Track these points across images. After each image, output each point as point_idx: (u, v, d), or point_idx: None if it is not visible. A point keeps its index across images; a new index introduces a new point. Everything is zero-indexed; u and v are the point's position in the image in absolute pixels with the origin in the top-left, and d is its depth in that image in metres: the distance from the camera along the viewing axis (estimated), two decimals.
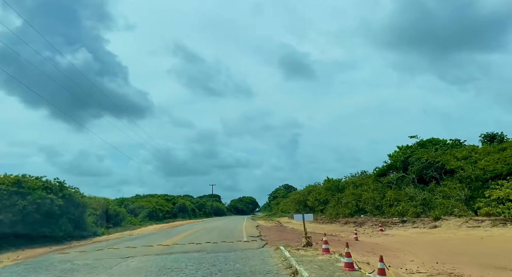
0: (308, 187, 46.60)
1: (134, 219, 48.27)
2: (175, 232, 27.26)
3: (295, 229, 26.90)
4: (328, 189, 38.81)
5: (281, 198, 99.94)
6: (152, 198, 66.57)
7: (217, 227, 30.16)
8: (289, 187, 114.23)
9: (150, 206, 57.25)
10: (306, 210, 46.19)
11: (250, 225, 31.99)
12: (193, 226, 35.34)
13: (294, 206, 48.54)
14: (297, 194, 48.63)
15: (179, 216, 71.26)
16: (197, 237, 19.41)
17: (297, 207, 48.37)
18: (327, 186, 39.29)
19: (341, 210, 29.67)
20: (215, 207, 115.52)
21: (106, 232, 35.12)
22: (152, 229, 41.95)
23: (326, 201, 40.22)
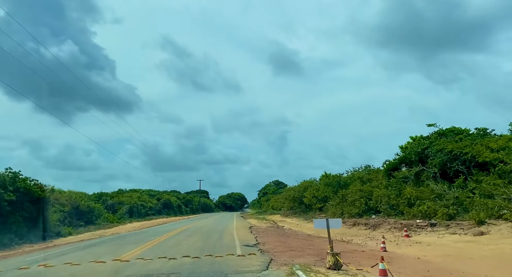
0: (303, 183, 42.09)
1: (111, 216, 43.05)
2: (152, 233, 22.38)
3: (295, 232, 22.30)
4: (328, 185, 34.34)
5: (271, 194, 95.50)
6: (134, 193, 61.29)
7: (203, 227, 25.39)
8: (279, 183, 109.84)
9: (131, 202, 52.02)
10: (301, 208, 41.68)
11: (241, 225, 27.28)
12: (176, 226, 30.45)
13: (288, 204, 44.02)
14: (291, 190, 44.09)
15: (163, 212, 66.11)
16: (175, 244, 14.58)
17: (291, 204, 43.83)
18: (326, 181, 34.83)
19: (347, 209, 25.19)
20: (202, 203, 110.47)
21: (74, 231, 29.96)
22: (130, 227, 36.88)
23: (326, 198, 35.70)
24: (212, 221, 35.97)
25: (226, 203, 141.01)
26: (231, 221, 36.97)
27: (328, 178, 41.30)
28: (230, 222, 34.33)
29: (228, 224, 29.43)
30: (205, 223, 30.53)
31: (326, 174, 42.89)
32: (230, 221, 35.52)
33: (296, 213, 42.49)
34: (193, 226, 27.26)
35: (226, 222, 33.02)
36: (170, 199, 70.55)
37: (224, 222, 34.82)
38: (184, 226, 28.39)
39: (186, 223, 33.27)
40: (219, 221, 36.32)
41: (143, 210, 57.00)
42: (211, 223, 31.84)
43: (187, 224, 30.77)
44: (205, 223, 30.53)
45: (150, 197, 66.13)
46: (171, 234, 20.17)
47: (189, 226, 28.14)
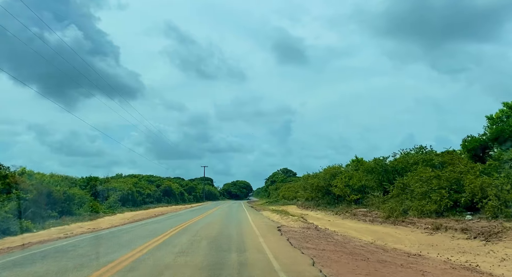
0: (329, 170, 33.82)
1: (97, 205, 35.16)
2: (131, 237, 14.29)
3: (348, 238, 14.17)
4: (369, 172, 26.11)
5: (280, 183, 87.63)
6: (131, 178, 53.41)
7: (208, 226, 17.30)
8: (287, 171, 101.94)
9: (125, 188, 44.09)
10: (326, 199, 33.55)
11: (261, 223, 19.22)
12: (171, 221, 22.48)
13: (309, 194, 35.91)
14: (314, 178, 35.93)
15: (163, 200, 58.30)
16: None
17: (313, 194, 35.69)
18: (367, 167, 26.51)
19: (416, 204, 17.01)
20: (207, 191, 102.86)
21: (37, 227, 22.05)
22: (119, 220, 28.93)
23: (363, 188, 27.50)
24: (219, 215, 27.88)
25: (231, 191, 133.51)
26: (243, 214, 28.91)
27: (360, 163, 33.02)
28: (242, 216, 26.30)
29: (241, 220, 21.36)
30: (210, 219, 22.41)
31: (357, 158, 34.60)
32: (243, 215, 27.49)
33: (319, 205, 34.40)
34: (195, 224, 19.14)
35: (238, 216, 24.99)
36: (171, 185, 62.70)
37: (235, 215, 26.81)
38: (183, 223, 20.26)
39: (185, 217, 25.16)
40: (229, 214, 28.30)
41: (140, 198, 49.18)
42: (219, 217, 23.73)
43: (186, 219, 22.66)
44: (210, 219, 22.41)
45: (149, 183, 58.26)
46: (156, 243, 12.05)
47: (189, 222, 20.03)
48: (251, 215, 26.17)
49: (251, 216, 24.69)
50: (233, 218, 22.69)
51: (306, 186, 40.61)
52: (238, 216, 24.96)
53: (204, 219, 22.16)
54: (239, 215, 26.63)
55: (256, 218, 22.70)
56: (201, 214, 28.38)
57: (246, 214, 27.74)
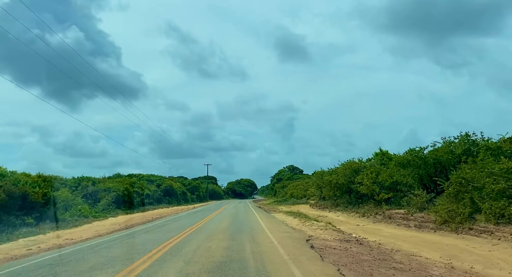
0: (350, 164, 29.06)
1: (86, 209, 30.72)
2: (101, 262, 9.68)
3: (419, 261, 9.51)
4: (403, 166, 21.41)
5: (287, 180, 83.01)
6: (128, 178, 48.95)
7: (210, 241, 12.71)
8: (294, 169, 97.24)
9: (120, 189, 39.60)
10: (347, 198, 28.88)
11: (280, 231, 14.59)
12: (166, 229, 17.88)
13: (327, 192, 31.21)
14: (332, 174, 31.20)
15: (164, 201, 53.82)
16: None
17: (331, 193, 31.01)
18: (402, 159, 21.74)
19: (488, 205, 12.35)
20: (210, 190, 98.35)
21: (1, 238, 17.69)
22: (108, 226, 24.41)
23: (396, 185, 22.84)
24: (224, 219, 23.25)
25: (236, 190, 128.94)
26: (253, 217, 24.32)
27: (387, 157, 28.31)
28: (252, 220, 21.72)
29: (253, 227, 16.72)
30: (213, 226, 17.76)
31: (382, 151, 29.86)
32: (253, 219, 22.91)
33: (338, 204, 29.75)
34: (193, 234, 14.53)
35: (248, 222, 20.39)
36: (172, 185, 58.17)
37: (244, 220, 22.24)
38: (179, 233, 15.66)
39: (183, 223, 20.63)
40: (236, 218, 23.73)
41: (138, 199, 44.71)
42: (224, 224, 19.06)
43: (184, 227, 18.05)
44: (213, 226, 17.76)
45: (149, 183, 53.81)
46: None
47: (187, 232, 15.43)
48: (263, 219, 21.53)
49: (263, 221, 20.04)
50: (242, 225, 18.03)
51: (320, 183, 35.92)
52: (248, 221, 20.33)
53: (206, 227, 17.55)
54: (249, 220, 22.00)
55: (271, 224, 18.04)
56: (202, 219, 23.80)
57: (256, 218, 23.12)
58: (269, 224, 18.24)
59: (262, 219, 21.33)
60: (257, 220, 20.78)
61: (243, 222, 19.68)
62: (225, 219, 22.04)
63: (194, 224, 19.28)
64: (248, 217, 23.87)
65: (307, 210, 34.68)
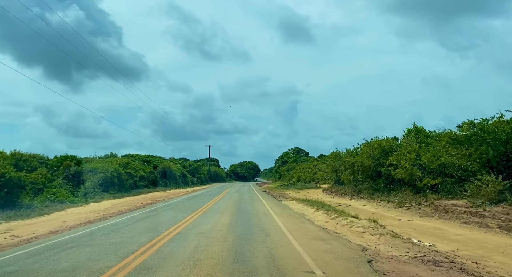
0: (378, 143, 23.58)
1: (63, 193, 25.75)
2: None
3: None
4: (460, 143, 15.96)
5: (292, 163, 77.99)
6: (122, 158, 43.79)
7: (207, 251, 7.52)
8: (299, 151, 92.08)
9: (108, 169, 34.56)
10: (373, 183, 23.63)
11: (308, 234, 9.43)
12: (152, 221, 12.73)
13: (347, 176, 25.94)
14: (355, 156, 25.82)
15: (160, 183, 48.91)
16: None
17: (354, 177, 25.74)
18: (460, 136, 16.19)
19: None
20: (212, 172, 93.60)
21: None
22: (85, 214, 19.20)
23: (442, 168, 17.49)
24: (226, 211, 18.04)
25: (238, 173, 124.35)
26: (261, 207, 19.18)
27: (423, 134, 22.86)
28: (262, 210, 16.60)
29: (266, 226, 11.54)
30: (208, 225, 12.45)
31: (417, 127, 24.32)
32: (261, 208, 17.82)
33: (360, 191, 24.54)
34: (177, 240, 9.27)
35: (257, 214, 15.24)
36: (171, 166, 53.12)
37: (252, 210, 17.08)
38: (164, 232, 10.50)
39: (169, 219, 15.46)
40: (241, 209, 18.54)
41: (130, 181, 39.74)
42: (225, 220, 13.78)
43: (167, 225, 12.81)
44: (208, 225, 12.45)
45: (144, 164, 48.76)
46: None
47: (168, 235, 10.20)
48: (277, 212, 16.28)
49: (277, 215, 14.79)
50: (249, 222, 12.79)
51: (337, 166, 30.67)
52: (256, 216, 15.10)
53: (197, 226, 12.33)
54: (257, 212, 16.77)
55: (289, 221, 12.77)
56: (197, 210, 18.64)
57: (266, 209, 17.88)
58: (287, 220, 12.99)
59: (274, 212, 16.08)
60: (268, 213, 15.54)
61: (250, 216, 14.44)
62: (226, 211, 16.82)
63: (182, 219, 14.09)
64: (255, 208, 18.65)
65: (322, 196, 29.59)
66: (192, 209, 18.52)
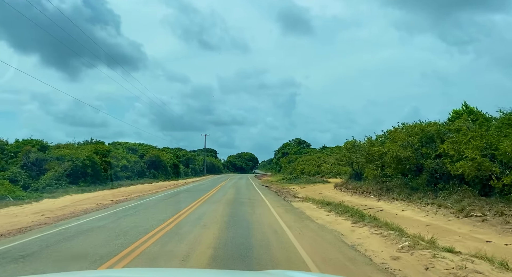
0: (420, 127, 17.63)
1: (6, 185, 19.82)
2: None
3: None
4: None
5: (293, 155, 72.20)
6: (99, 145, 37.73)
7: None
8: (300, 142, 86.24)
9: (79, 158, 28.56)
10: (409, 180, 17.78)
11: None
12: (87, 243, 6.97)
13: (373, 169, 20.03)
14: (385, 143, 19.92)
15: (148, 175, 42.95)
16: None
17: (378, 171, 19.87)
18: None
19: None
20: (208, 163, 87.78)
21: None
22: (25, 215, 13.40)
23: None
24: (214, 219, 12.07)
25: (236, 164, 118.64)
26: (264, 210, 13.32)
27: (481, 116, 16.93)
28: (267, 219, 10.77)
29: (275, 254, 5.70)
30: (183, 244, 6.38)
31: (468, 108, 18.35)
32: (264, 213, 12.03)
33: (390, 189, 18.69)
34: None
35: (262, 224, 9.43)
36: (160, 156, 47.04)
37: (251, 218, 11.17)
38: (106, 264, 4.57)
39: (129, 228, 9.37)
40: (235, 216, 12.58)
41: (110, 171, 33.80)
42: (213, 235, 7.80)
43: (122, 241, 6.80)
44: (183, 244, 6.38)
45: (129, 153, 42.77)
46: None
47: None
48: (291, 225, 10.26)
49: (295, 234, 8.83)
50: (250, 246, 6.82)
51: (354, 158, 24.83)
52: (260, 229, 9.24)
53: (167, 244, 6.38)
54: (260, 221, 10.83)
55: (323, 251, 6.87)
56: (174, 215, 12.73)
57: (274, 219, 11.87)
58: (318, 250, 7.04)
59: (289, 227, 9.97)
60: (280, 231, 9.51)
61: (251, 237, 8.45)
62: (212, 223, 10.85)
63: (149, 232, 8.13)
64: (257, 215, 12.61)
65: (335, 194, 23.79)
66: (166, 213, 12.62)
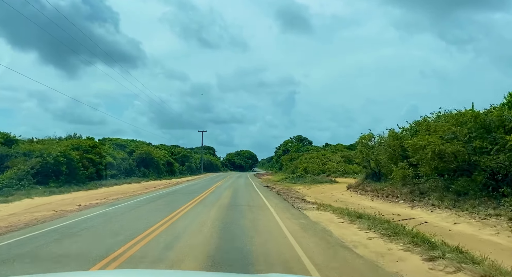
0: (473, 114, 13.59)
1: None
2: None
3: None
4: None
5: (295, 152, 68.07)
6: (80, 140, 33.53)
7: None
8: (302, 140, 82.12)
9: (51, 154, 24.37)
10: (454, 184, 13.69)
11: None
12: None
13: (404, 170, 15.90)
14: (423, 134, 15.81)
15: (136, 173, 38.78)
16: None
17: (409, 170, 15.73)
18: None
19: None
20: (206, 161, 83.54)
21: None
22: None
23: None
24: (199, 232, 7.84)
25: (235, 162, 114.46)
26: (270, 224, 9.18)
27: None
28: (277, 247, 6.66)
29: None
30: None
31: None
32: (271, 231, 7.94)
33: (424, 193, 14.58)
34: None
35: (268, 254, 5.28)
36: (151, 152, 42.82)
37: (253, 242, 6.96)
38: None
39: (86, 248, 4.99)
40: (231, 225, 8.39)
41: (91, 169, 29.61)
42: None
43: None
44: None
45: (116, 149, 38.59)
46: None
47: None
48: (318, 259, 6.20)
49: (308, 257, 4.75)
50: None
51: (371, 155, 20.73)
52: (268, 265, 5.06)
53: None
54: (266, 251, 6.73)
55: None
56: (137, 236, 8.47)
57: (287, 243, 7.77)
58: None
59: (317, 266, 5.89)
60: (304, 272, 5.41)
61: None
62: (192, 251, 6.68)
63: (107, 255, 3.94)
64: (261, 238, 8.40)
65: (353, 198, 19.70)
66: (124, 233, 8.52)
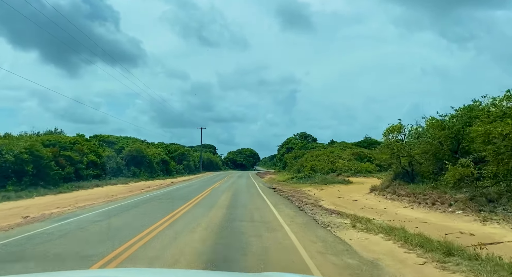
0: None
1: None
2: None
3: None
4: None
5: (300, 150, 63.65)
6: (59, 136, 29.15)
7: None
8: (306, 137, 77.63)
9: (12, 150, 19.95)
10: None
11: None
12: None
13: (463, 167, 11.59)
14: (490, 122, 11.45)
15: (125, 173, 34.42)
16: None
17: (474, 170, 11.36)
18: None
19: None
20: (206, 159, 79.17)
21: None
22: None
23: None
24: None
25: (236, 160, 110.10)
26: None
27: None
28: None
29: None
30: None
31: None
32: None
33: (494, 201, 10.19)
34: None
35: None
36: (143, 150, 38.42)
37: None
38: None
39: None
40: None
41: (68, 169, 25.25)
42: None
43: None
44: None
45: (103, 145, 34.22)
46: None
47: None
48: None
49: None
50: None
51: (404, 151, 16.37)
52: None
53: None
54: None
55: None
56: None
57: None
58: None
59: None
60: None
61: None
62: None
63: None
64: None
65: (382, 204, 15.29)
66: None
